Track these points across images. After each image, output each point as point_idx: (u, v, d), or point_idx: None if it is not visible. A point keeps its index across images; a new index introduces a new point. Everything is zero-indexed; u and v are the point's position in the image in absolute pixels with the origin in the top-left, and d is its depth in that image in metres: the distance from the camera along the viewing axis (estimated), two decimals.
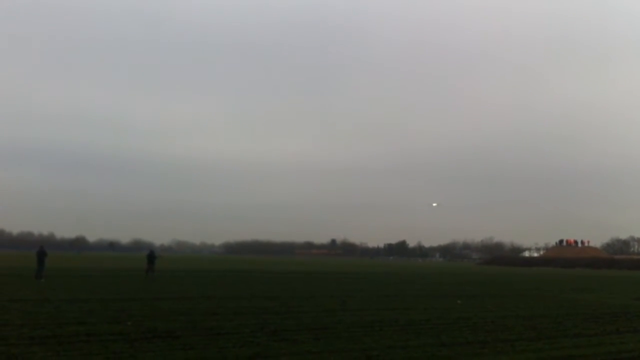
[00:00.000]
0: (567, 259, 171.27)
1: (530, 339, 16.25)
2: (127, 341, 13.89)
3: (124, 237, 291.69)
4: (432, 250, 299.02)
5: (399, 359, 12.73)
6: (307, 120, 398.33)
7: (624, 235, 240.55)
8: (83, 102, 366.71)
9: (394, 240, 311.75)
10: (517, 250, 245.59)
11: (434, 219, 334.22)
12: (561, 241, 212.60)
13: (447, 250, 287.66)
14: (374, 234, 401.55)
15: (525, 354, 13.80)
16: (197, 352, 12.73)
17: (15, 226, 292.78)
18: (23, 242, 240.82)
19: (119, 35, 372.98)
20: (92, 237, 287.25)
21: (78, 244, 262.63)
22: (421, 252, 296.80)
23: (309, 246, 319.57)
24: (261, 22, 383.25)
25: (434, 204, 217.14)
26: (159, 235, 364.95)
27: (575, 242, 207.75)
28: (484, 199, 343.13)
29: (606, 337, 17.46)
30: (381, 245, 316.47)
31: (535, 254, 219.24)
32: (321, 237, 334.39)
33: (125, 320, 17.58)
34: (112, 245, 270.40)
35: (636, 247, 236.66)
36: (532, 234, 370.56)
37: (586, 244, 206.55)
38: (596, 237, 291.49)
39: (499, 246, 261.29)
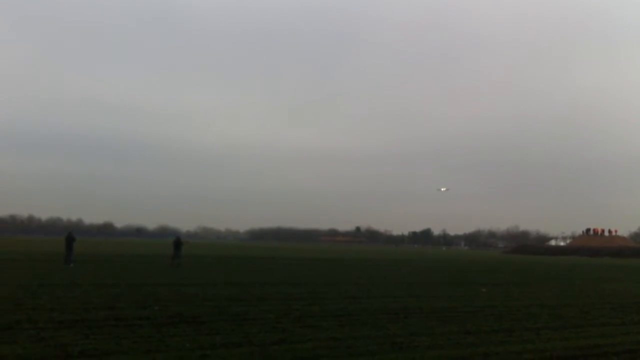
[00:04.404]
0: (594, 248, 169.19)
1: (556, 328, 16.13)
2: (154, 326, 14.06)
3: (151, 223, 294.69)
4: (457, 238, 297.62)
5: (424, 346, 12.72)
6: (332, 107, 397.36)
7: None
8: (111, 88, 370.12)
9: (418, 228, 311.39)
10: (543, 238, 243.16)
11: (459, 207, 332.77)
12: (588, 230, 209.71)
13: (472, 239, 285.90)
14: (398, 221, 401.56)
15: (551, 342, 13.71)
16: (223, 337, 12.85)
17: (44, 212, 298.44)
18: (52, 227, 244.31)
19: (134, 23, 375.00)
20: (119, 223, 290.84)
21: (106, 230, 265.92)
22: (446, 240, 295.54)
23: (333, 233, 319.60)
24: (270, 6, 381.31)
25: (442, 189, 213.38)
26: (185, 221, 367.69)
27: (603, 231, 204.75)
28: (510, 187, 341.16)
29: (633, 326, 17.29)
30: (405, 233, 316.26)
31: (562, 243, 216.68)
32: (345, 225, 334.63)
33: (152, 305, 17.78)
34: (139, 231, 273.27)
35: None
36: (559, 222, 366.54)
37: (613, 233, 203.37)
38: (624, 226, 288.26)
39: (524, 235, 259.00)
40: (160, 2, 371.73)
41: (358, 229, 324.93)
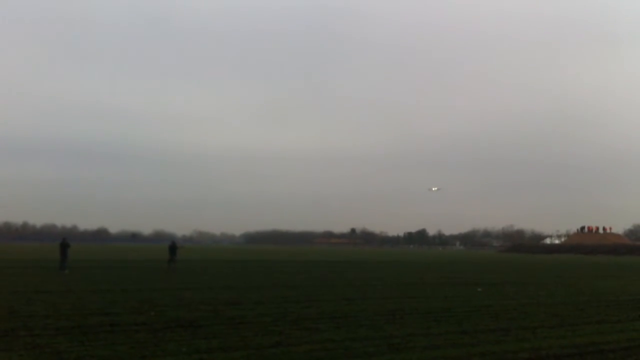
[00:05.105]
0: (589, 246, 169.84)
1: (552, 326, 16.17)
2: (151, 331, 14.04)
3: (146, 228, 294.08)
4: (452, 238, 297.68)
5: (421, 346, 12.73)
6: (325, 108, 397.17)
7: None
8: (104, 94, 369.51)
9: (413, 228, 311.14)
10: (538, 237, 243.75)
11: (454, 207, 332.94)
12: (583, 228, 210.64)
13: (468, 238, 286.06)
14: (393, 222, 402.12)
15: (548, 340, 13.74)
16: (220, 341, 12.84)
17: (38, 219, 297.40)
18: (46, 234, 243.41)
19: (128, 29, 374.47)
20: (114, 228, 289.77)
21: (100, 236, 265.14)
22: (441, 240, 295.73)
23: (328, 235, 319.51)
24: (262, 8, 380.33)
25: (434, 189, 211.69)
26: (180, 226, 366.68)
27: (597, 228, 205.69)
28: (505, 186, 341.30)
29: (629, 323, 17.36)
30: (401, 234, 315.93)
31: (557, 241, 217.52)
32: (341, 227, 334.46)
33: (148, 310, 17.75)
34: (134, 237, 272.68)
35: None
36: (554, 221, 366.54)
37: (608, 231, 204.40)
38: (618, 224, 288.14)
39: (519, 234, 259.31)
40: (154, 7, 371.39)
41: (353, 230, 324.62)
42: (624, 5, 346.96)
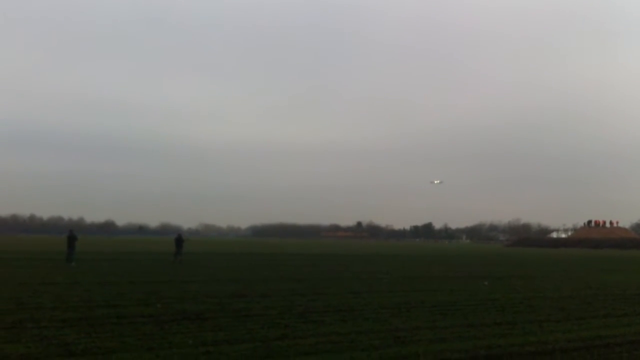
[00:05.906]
0: (596, 240, 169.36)
1: (558, 320, 16.15)
2: (157, 323, 14.08)
3: (152, 221, 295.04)
4: (459, 232, 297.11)
5: (427, 339, 12.73)
6: (332, 102, 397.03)
7: None
8: (111, 87, 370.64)
9: (420, 222, 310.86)
10: (544, 231, 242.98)
11: (460, 201, 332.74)
12: (589, 222, 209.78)
13: (474, 232, 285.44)
14: (400, 216, 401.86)
15: (554, 334, 13.72)
16: (226, 334, 12.86)
17: (45, 211, 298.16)
18: (53, 226, 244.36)
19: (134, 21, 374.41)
20: (120, 221, 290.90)
21: (107, 228, 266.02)
22: (447, 233, 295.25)
23: (334, 228, 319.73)
24: (265, 3, 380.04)
25: (436, 181, 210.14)
26: (187, 219, 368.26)
27: (604, 222, 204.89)
28: (511, 179, 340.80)
29: (636, 317, 17.32)
30: (407, 227, 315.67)
31: (563, 235, 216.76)
32: (347, 220, 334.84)
33: (154, 303, 17.80)
34: (141, 229, 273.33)
35: None
36: (560, 214, 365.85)
37: (615, 225, 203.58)
38: (625, 218, 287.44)
39: (526, 227, 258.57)
40: (157, 0, 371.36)
41: (359, 224, 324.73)
42: (623, 0, 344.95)
